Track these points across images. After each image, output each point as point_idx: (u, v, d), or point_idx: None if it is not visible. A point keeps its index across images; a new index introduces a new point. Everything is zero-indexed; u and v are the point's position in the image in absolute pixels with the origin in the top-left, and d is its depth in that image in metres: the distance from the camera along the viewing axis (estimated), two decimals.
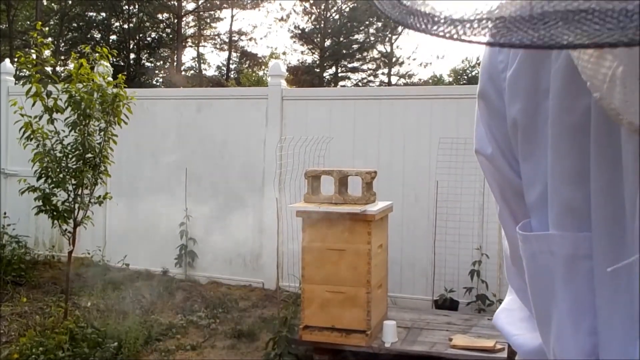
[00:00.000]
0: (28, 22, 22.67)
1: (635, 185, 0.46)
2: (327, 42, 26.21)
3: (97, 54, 4.55)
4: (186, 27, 26.94)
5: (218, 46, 27.92)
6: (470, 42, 0.33)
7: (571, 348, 0.52)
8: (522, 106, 0.55)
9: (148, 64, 25.81)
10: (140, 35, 24.96)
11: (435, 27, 0.34)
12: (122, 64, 23.17)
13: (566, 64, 0.49)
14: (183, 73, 25.91)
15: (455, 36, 0.33)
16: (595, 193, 0.49)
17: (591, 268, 0.50)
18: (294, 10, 27.24)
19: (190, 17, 26.96)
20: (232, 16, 26.97)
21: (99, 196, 4.60)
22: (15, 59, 4.69)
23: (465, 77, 27.69)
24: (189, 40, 27.26)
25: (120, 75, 4.58)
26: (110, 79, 4.66)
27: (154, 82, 25.05)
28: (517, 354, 0.66)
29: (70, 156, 4.39)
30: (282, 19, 27.91)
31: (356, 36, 25.92)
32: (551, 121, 0.52)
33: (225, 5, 26.64)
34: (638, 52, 0.35)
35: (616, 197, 0.48)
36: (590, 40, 0.29)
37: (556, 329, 0.54)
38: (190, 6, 26.40)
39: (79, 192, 4.43)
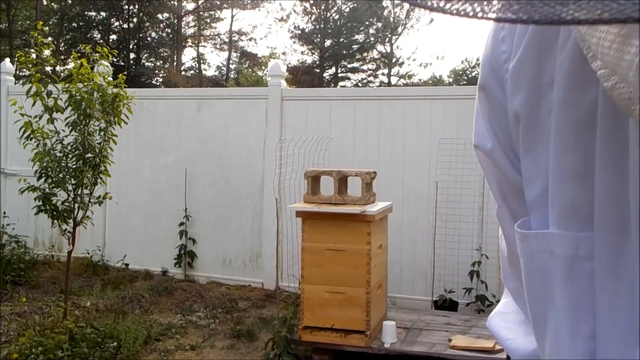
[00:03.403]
0: (28, 22, 22.67)
1: None
2: (327, 42, 26.21)
3: (97, 54, 4.54)
4: (186, 27, 26.97)
5: (218, 46, 27.96)
6: (487, 19, 0.32)
7: (567, 353, 0.50)
8: (524, 98, 0.52)
9: (148, 64, 25.81)
10: (140, 35, 24.95)
11: (449, 5, 0.33)
12: (122, 63, 23.16)
13: (572, 54, 0.47)
14: (183, 73, 25.92)
15: (471, 14, 0.32)
16: (599, 192, 0.47)
17: (592, 270, 0.48)
18: (294, 11, 27.35)
19: (190, 17, 26.99)
20: (232, 16, 27.03)
21: (99, 196, 4.60)
22: (15, 59, 4.68)
23: (465, 77, 27.71)
24: (189, 40, 27.27)
25: (120, 75, 4.58)
26: (110, 78, 4.66)
27: (154, 82, 25.04)
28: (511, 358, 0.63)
29: (70, 156, 4.39)
30: (282, 19, 27.96)
31: (356, 36, 25.93)
32: (555, 115, 0.49)
33: (225, 5, 26.66)
34: None
35: (621, 196, 0.45)
36: (585, 17, 0.29)
37: (552, 332, 0.51)
38: (190, 6, 26.45)
39: (79, 192, 4.43)
